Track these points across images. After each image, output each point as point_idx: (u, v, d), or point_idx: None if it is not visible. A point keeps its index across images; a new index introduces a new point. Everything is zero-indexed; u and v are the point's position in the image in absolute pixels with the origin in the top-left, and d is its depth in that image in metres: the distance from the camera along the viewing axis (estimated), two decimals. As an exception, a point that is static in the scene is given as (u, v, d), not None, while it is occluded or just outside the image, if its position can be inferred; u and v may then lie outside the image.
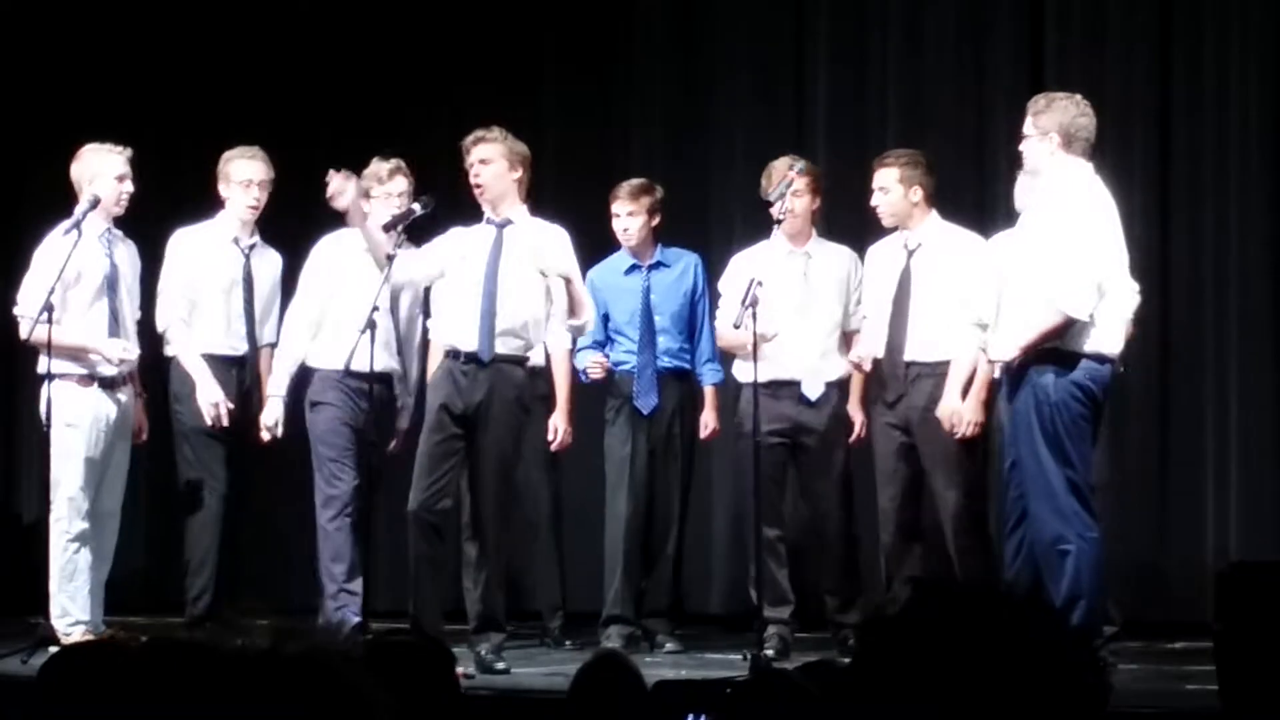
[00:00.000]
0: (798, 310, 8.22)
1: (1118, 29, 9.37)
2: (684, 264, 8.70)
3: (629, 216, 8.57)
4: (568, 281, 7.77)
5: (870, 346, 8.18)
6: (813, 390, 8.23)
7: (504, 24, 10.23)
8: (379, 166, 8.21)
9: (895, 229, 8.18)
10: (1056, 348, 7.03)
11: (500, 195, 7.83)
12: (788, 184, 7.98)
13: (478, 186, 7.84)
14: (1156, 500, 9.20)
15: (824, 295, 8.33)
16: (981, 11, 9.60)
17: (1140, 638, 8.22)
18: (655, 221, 8.65)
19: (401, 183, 8.17)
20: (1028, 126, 7.23)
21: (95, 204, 8.11)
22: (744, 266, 8.21)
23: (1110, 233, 7.15)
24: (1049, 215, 7.10)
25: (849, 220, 8.79)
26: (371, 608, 7.95)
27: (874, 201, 8.17)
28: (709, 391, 8.68)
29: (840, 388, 8.35)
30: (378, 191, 8.14)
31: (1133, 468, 9.14)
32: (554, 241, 7.84)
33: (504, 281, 7.76)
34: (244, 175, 8.42)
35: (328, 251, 8.24)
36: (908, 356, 8.03)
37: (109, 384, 8.15)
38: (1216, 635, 5.94)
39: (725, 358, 8.55)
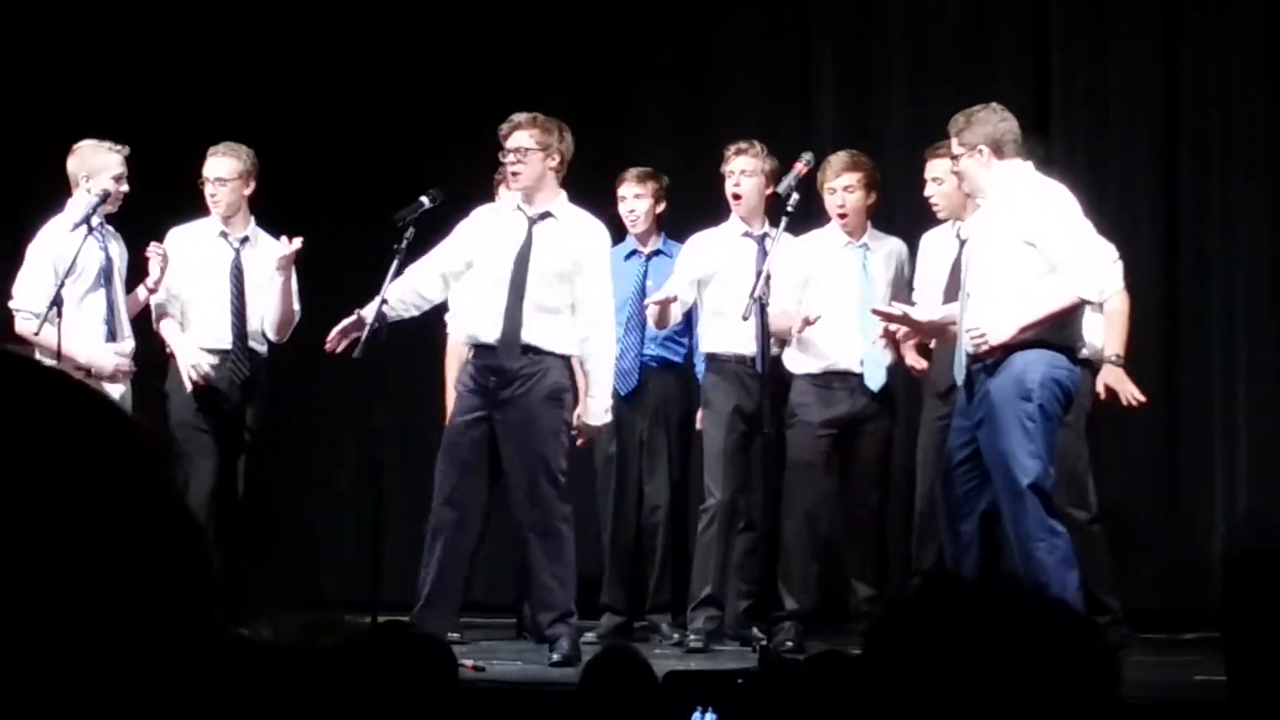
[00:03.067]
0: (859, 301, 8.18)
1: (1122, 28, 9.36)
2: None
3: (636, 199, 8.56)
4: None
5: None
6: (876, 380, 8.23)
7: (510, 20, 10.24)
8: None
9: (948, 220, 8.17)
10: (1044, 341, 7.01)
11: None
12: (797, 175, 7.97)
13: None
14: (1165, 491, 9.20)
15: (879, 286, 8.29)
16: (985, 15, 9.60)
17: (1148, 628, 8.22)
18: (660, 209, 8.64)
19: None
20: (955, 147, 7.20)
21: (105, 198, 8.15)
22: (799, 256, 8.22)
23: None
24: (1015, 216, 7.04)
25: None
26: (383, 600, 7.93)
27: (928, 192, 8.16)
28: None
29: (888, 374, 8.34)
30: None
31: (1141, 458, 9.15)
32: None
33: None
34: (204, 173, 8.53)
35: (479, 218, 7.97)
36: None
37: (105, 378, 8.17)
38: (1224, 626, 5.94)
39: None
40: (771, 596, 8.13)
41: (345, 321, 7.66)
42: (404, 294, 7.74)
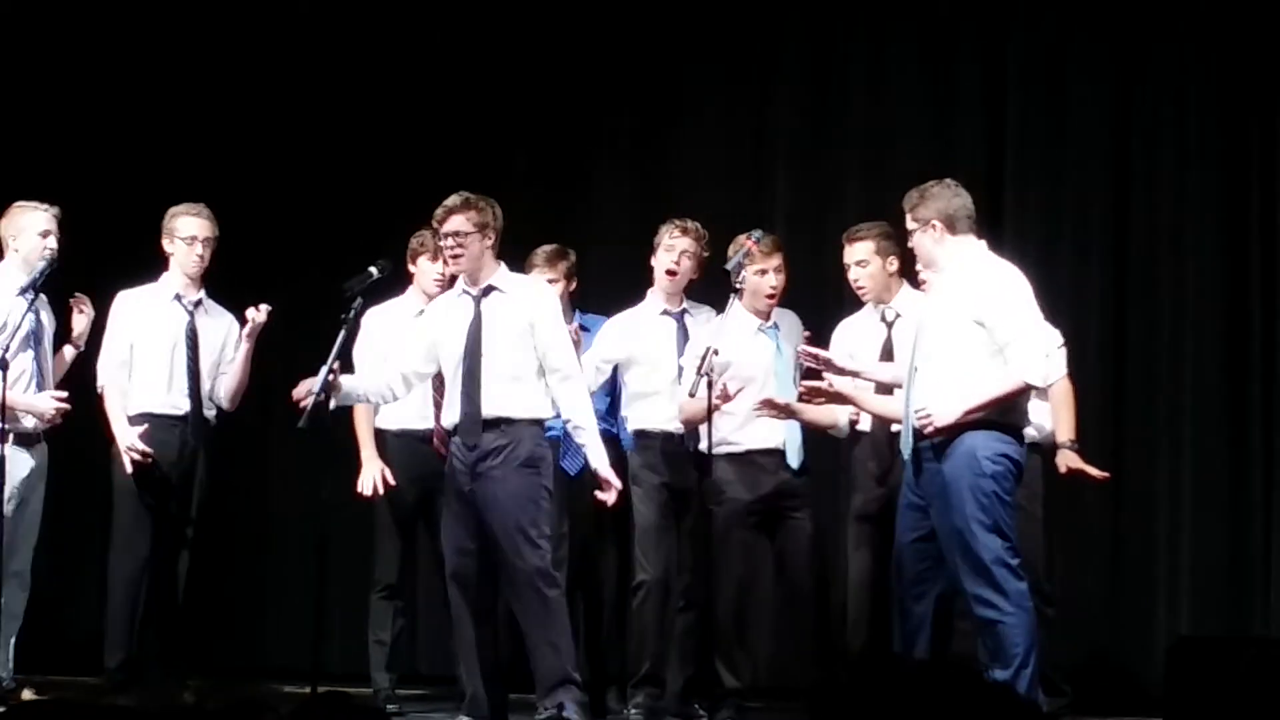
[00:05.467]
0: (777, 381, 8.06)
1: (1077, 106, 9.43)
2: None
3: (550, 283, 8.46)
4: None
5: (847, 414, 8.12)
6: (797, 458, 8.17)
7: (474, 91, 10.27)
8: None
9: (869, 303, 8.14)
10: (992, 421, 6.98)
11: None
12: (745, 253, 7.95)
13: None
14: (1108, 577, 9.22)
15: (792, 363, 8.16)
16: (942, 100, 9.66)
17: (1092, 714, 8.23)
18: (573, 286, 8.60)
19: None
20: (909, 223, 7.19)
21: (53, 264, 8.14)
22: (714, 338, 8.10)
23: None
24: (967, 294, 7.04)
25: (810, 298, 8.78)
26: (327, 670, 7.84)
27: (853, 276, 8.13)
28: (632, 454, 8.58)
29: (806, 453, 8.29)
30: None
31: (1085, 540, 9.17)
32: None
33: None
34: (189, 232, 8.44)
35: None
36: (895, 428, 7.80)
37: (24, 440, 8.13)
38: (1166, 711, 5.95)
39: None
40: (712, 673, 8.09)
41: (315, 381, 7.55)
42: (377, 385, 7.81)
